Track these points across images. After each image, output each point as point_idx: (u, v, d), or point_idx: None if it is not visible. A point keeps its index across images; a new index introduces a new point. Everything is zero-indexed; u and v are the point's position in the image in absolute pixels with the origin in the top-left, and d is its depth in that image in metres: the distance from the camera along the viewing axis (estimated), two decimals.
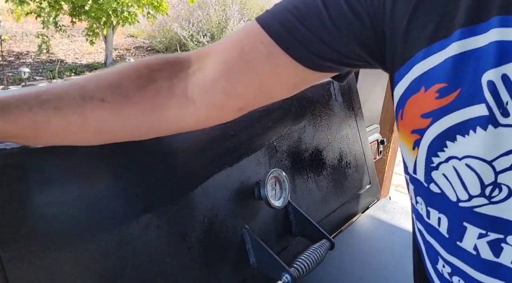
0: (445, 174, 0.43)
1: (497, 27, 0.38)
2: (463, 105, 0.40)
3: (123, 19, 6.58)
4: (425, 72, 0.42)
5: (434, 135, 0.42)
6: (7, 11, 7.51)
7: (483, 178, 0.40)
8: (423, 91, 0.42)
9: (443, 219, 0.45)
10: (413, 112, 0.44)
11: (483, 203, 0.41)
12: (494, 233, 0.41)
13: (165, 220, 0.67)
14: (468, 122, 0.40)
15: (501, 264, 0.42)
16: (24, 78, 5.43)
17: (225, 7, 8.07)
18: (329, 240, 0.83)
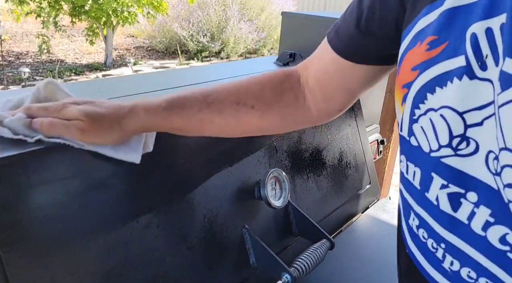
0: (422, 126, 0.44)
1: None
2: (447, 57, 0.41)
3: (123, 19, 6.57)
4: (424, 27, 0.44)
5: (418, 87, 0.44)
6: (7, 11, 7.51)
7: (453, 129, 0.41)
8: (419, 45, 0.44)
9: (417, 172, 0.47)
10: (406, 66, 0.45)
11: (450, 154, 0.42)
12: (455, 186, 0.42)
13: (165, 220, 0.67)
14: (447, 74, 0.41)
15: (457, 220, 0.43)
16: (24, 78, 5.43)
17: (225, 7, 8.06)
18: (329, 240, 0.83)
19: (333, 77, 0.61)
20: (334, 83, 0.61)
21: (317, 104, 0.64)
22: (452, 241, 0.44)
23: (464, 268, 0.44)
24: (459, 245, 0.43)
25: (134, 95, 0.85)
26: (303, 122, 0.69)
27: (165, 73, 1.16)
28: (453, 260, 0.45)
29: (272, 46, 8.65)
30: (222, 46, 8.00)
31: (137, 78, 1.06)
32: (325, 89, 0.62)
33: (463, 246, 0.43)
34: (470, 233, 0.42)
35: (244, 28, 7.96)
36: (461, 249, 0.43)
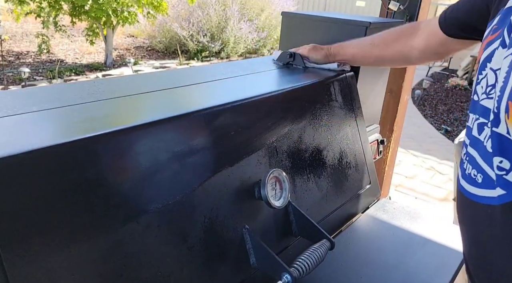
0: (481, 84, 0.66)
1: None
2: (495, 41, 0.64)
3: (123, 19, 6.56)
4: (496, 21, 0.67)
5: (482, 59, 0.67)
6: (7, 11, 7.51)
7: (488, 80, 0.64)
8: (489, 31, 0.68)
9: (474, 121, 0.67)
10: (482, 46, 0.68)
11: (484, 98, 0.65)
12: (482, 118, 0.65)
13: (165, 220, 0.67)
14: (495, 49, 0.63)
15: (480, 140, 0.65)
16: (24, 78, 5.43)
17: (225, 7, 8.06)
18: (329, 240, 0.83)
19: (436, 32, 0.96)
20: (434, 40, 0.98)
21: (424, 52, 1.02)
22: (475, 157, 0.66)
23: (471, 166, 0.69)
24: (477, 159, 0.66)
25: (134, 95, 0.85)
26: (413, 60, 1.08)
27: (165, 73, 1.16)
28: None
29: (272, 46, 8.65)
30: (222, 46, 8.00)
31: (137, 78, 1.06)
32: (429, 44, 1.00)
33: (479, 159, 0.65)
34: (483, 148, 0.64)
35: (244, 28, 7.95)
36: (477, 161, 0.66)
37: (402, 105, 1.76)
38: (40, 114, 0.70)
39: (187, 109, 0.75)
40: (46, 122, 0.68)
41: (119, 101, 0.81)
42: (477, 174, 0.65)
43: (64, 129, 0.68)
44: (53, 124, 0.68)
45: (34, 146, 0.54)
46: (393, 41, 1.05)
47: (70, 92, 0.87)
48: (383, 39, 1.06)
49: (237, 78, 1.07)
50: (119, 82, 1.01)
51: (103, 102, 0.79)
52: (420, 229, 1.06)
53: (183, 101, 0.89)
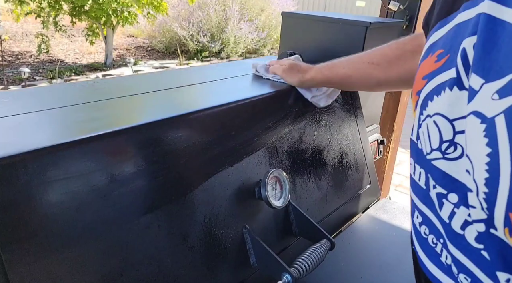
0: (423, 131, 0.48)
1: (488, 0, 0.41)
2: (446, 68, 0.45)
3: (123, 19, 6.56)
4: (437, 40, 0.49)
5: (424, 95, 0.48)
6: (7, 11, 7.50)
7: (443, 134, 0.45)
8: (430, 56, 0.49)
9: (422, 173, 0.50)
10: (419, 75, 0.50)
11: (439, 157, 0.46)
12: (440, 187, 0.46)
13: (165, 220, 0.67)
14: (443, 84, 0.45)
15: (442, 218, 0.47)
16: (24, 78, 5.42)
17: (225, 7, 8.05)
18: (329, 240, 0.83)
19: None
20: None
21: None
22: (445, 237, 0.47)
23: (452, 264, 0.46)
24: (447, 242, 0.47)
25: (134, 95, 0.85)
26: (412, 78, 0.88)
27: (165, 73, 1.16)
28: (447, 255, 0.47)
29: (272, 46, 8.64)
30: (222, 46, 7.99)
31: (137, 78, 1.06)
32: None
33: (448, 243, 0.46)
34: (451, 232, 0.45)
35: (244, 28, 7.95)
36: (448, 245, 0.46)
37: (402, 105, 1.76)
38: (40, 114, 0.70)
39: (187, 109, 0.75)
40: (46, 122, 0.68)
41: (119, 101, 0.81)
42: (446, 259, 0.48)
43: (64, 129, 0.68)
44: (53, 124, 0.68)
45: (34, 146, 0.54)
46: (398, 58, 0.84)
47: (70, 92, 0.87)
48: (385, 56, 0.85)
49: (238, 78, 1.07)
50: (119, 82, 1.01)
51: (103, 102, 0.79)
52: None
53: (183, 101, 0.89)
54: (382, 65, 0.85)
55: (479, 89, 0.39)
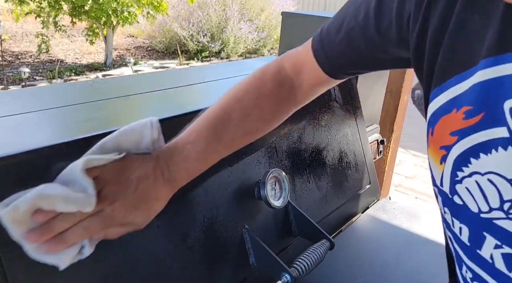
0: (467, 187, 0.46)
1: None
2: (487, 127, 0.43)
3: (123, 19, 6.56)
4: (457, 96, 0.47)
5: (459, 151, 0.46)
6: (7, 11, 7.50)
7: (503, 194, 0.43)
8: (454, 112, 0.47)
9: (464, 229, 0.49)
10: (443, 130, 0.48)
11: (501, 217, 0.44)
12: (509, 247, 0.44)
13: (165, 220, 0.67)
14: (490, 142, 0.43)
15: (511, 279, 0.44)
16: (24, 78, 5.42)
17: (225, 7, 8.05)
18: (329, 240, 0.83)
19: (319, 86, 0.71)
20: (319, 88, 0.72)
21: (307, 98, 0.74)
22: None
23: None
24: None
25: (134, 95, 0.85)
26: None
27: (165, 73, 1.16)
28: None
29: (272, 46, 8.65)
30: (222, 46, 8.00)
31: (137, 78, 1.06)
32: (316, 92, 0.73)
33: None
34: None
35: (244, 28, 7.95)
36: None
37: (402, 105, 1.76)
38: (40, 114, 0.70)
39: (187, 109, 0.75)
40: (46, 122, 0.68)
41: (119, 101, 0.81)
42: None
43: (64, 129, 0.68)
44: (53, 124, 0.68)
45: (34, 146, 0.54)
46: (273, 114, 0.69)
47: (70, 92, 0.87)
48: (244, 109, 0.66)
49: (237, 78, 1.07)
50: (119, 82, 1.01)
51: (103, 102, 0.79)
52: (420, 229, 1.06)
53: (183, 101, 0.89)
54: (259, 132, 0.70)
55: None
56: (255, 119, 0.67)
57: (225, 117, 0.64)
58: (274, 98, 0.68)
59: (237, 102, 0.66)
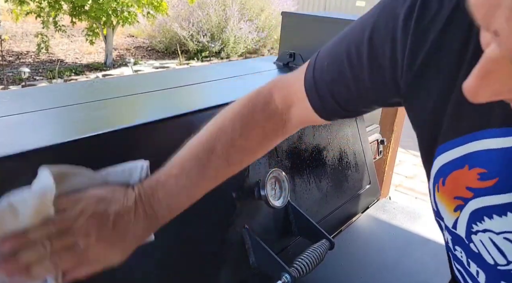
0: (482, 241, 0.47)
1: None
2: (501, 191, 0.44)
3: (123, 19, 6.56)
4: (469, 153, 0.46)
5: (475, 207, 0.46)
6: (7, 11, 7.51)
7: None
8: (467, 168, 0.47)
9: (481, 273, 0.49)
10: (458, 183, 0.48)
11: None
12: None
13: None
14: (506, 205, 0.44)
15: None
16: (24, 78, 5.42)
17: (225, 7, 8.05)
18: (329, 240, 0.83)
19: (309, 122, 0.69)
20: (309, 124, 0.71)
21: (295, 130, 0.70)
22: None
23: None
24: None
25: (134, 95, 0.85)
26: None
27: (165, 73, 1.16)
28: None
29: (272, 46, 8.65)
30: (222, 46, 8.00)
31: (137, 78, 1.06)
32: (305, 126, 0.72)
33: None
34: None
35: (244, 28, 7.95)
36: None
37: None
38: (40, 114, 0.70)
39: (187, 109, 0.75)
40: (46, 122, 0.68)
41: (119, 101, 0.81)
42: None
43: (64, 129, 0.68)
44: (53, 124, 0.68)
45: (34, 146, 0.54)
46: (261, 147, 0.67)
47: (70, 92, 0.87)
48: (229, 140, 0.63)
49: (237, 78, 1.07)
50: (119, 82, 1.01)
51: (103, 102, 0.79)
52: (420, 229, 1.06)
53: (183, 101, 0.90)
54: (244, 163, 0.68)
55: None
56: (240, 150, 0.64)
57: (210, 148, 0.61)
58: (261, 130, 0.65)
59: (222, 133, 0.62)
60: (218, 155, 0.61)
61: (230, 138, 0.62)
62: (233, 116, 0.64)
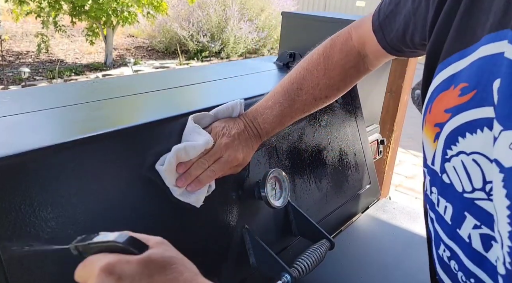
0: (454, 166, 0.46)
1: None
2: (476, 105, 0.43)
3: (123, 19, 6.56)
4: (457, 72, 0.46)
5: (450, 129, 0.46)
6: (7, 11, 7.51)
7: (486, 175, 0.42)
8: (452, 88, 0.46)
9: (448, 208, 0.49)
10: (439, 106, 0.48)
11: (483, 197, 0.43)
12: (487, 228, 0.43)
13: (165, 220, 0.67)
14: (477, 121, 0.42)
15: (487, 259, 0.44)
16: (24, 78, 5.42)
17: (225, 7, 8.05)
18: (329, 240, 0.83)
19: (382, 56, 0.75)
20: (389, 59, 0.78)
21: (374, 66, 0.80)
22: (481, 278, 0.45)
23: None
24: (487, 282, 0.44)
25: (134, 95, 0.85)
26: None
27: (165, 73, 1.16)
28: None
29: (272, 46, 8.64)
30: (222, 46, 8.00)
31: (137, 78, 1.06)
32: (382, 61, 0.79)
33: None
34: (497, 274, 0.42)
35: (244, 28, 7.95)
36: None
37: (402, 105, 1.76)
38: (40, 114, 0.70)
39: (187, 109, 0.75)
40: (46, 122, 0.68)
41: (119, 101, 0.81)
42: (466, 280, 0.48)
43: (64, 129, 0.68)
44: (53, 124, 0.68)
45: (34, 146, 0.54)
46: (343, 82, 0.77)
47: (70, 92, 0.87)
48: (314, 79, 0.75)
49: (237, 78, 1.07)
50: (119, 82, 1.01)
51: (103, 102, 0.79)
52: (420, 229, 1.06)
53: (183, 101, 0.89)
54: (330, 97, 0.79)
55: (497, 136, 0.37)
56: (325, 88, 0.76)
57: (297, 86, 0.75)
58: (342, 68, 0.75)
59: (307, 73, 0.76)
60: (305, 92, 0.75)
61: (315, 78, 0.75)
62: (317, 58, 0.77)
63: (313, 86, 0.75)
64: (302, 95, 0.75)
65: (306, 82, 0.75)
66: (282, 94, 0.75)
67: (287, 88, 0.75)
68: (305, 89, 0.75)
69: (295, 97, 0.75)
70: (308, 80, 0.75)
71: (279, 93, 0.76)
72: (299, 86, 0.75)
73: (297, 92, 0.75)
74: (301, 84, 0.75)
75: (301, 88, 0.75)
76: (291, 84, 0.75)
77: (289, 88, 0.75)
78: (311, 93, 0.75)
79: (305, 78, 0.75)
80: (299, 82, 0.75)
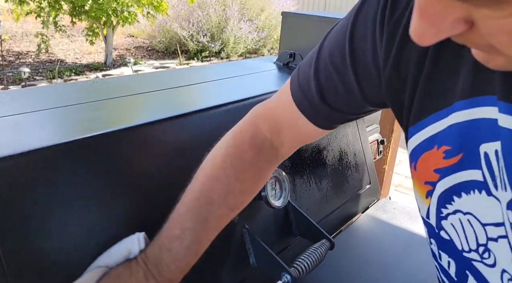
0: (453, 224, 0.45)
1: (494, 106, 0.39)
2: (466, 167, 0.42)
3: (123, 19, 6.56)
4: (436, 133, 0.45)
5: (443, 189, 0.45)
6: (7, 11, 7.51)
7: (478, 237, 0.42)
8: (436, 149, 0.45)
9: (452, 263, 0.48)
10: (426, 166, 0.47)
11: (478, 259, 0.43)
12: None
13: (165, 220, 0.67)
14: (470, 183, 0.42)
15: None
16: (24, 78, 5.42)
17: (225, 7, 8.05)
18: (329, 240, 0.83)
19: (305, 140, 0.66)
20: (305, 142, 0.68)
21: (290, 153, 0.68)
22: None
23: None
24: None
25: (134, 95, 0.85)
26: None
27: (165, 73, 1.16)
28: None
29: (272, 46, 8.64)
30: (222, 46, 8.00)
31: (137, 78, 1.06)
32: (299, 146, 0.68)
33: None
34: None
35: (244, 28, 7.95)
36: None
37: None
38: (40, 114, 0.70)
39: (187, 109, 0.75)
40: (46, 122, 0.68)
41: (119, 101, 0.81)
42: None
43: (64, 129, 0.68)
44: (53, 124, 0.68)
45: (34, 146, 0.54)
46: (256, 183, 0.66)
47: (70, 92, 0.87)
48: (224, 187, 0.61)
49: (237, 78, 1.07)
50: (119, 82, 1.01)
51: (103, 102, 0.79)
52: (420, 229, 1.06)
53: (183, 101, 0.89)
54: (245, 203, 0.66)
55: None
56: (239, 194, 0.62)
57: (206, 201, 0.59)
58: (255, 166, 0.63)
59: (214, 182, 0.60)
60: (217, 205, 0.60)
61: (226, 185, 0.60)
62: (223, 161, 0.61)
63: (225, 195, 0.60)
64: (215, 210, 0.60)
65: (215, 193, 0.60)
66: (190, 216, 0.59)
67: (193, 207, 0.59)
68: (216, 202, 0.60)
69: (207, 215, 0.59)
70: (217, 190, 0.60)
71: (185, 215, 0.59)
72: (208, 200, 0.59)
73: (207, 208, 0.59)
74: (210, 197, 0.59)
75: (211, 202, 0.59)
76: (196, 200, 0.60)
77: (195, 205, 0.59)
78: (225, 204, 0.61)
79: (213, 188, 0.60)
80: (207, 195, 0.60)
